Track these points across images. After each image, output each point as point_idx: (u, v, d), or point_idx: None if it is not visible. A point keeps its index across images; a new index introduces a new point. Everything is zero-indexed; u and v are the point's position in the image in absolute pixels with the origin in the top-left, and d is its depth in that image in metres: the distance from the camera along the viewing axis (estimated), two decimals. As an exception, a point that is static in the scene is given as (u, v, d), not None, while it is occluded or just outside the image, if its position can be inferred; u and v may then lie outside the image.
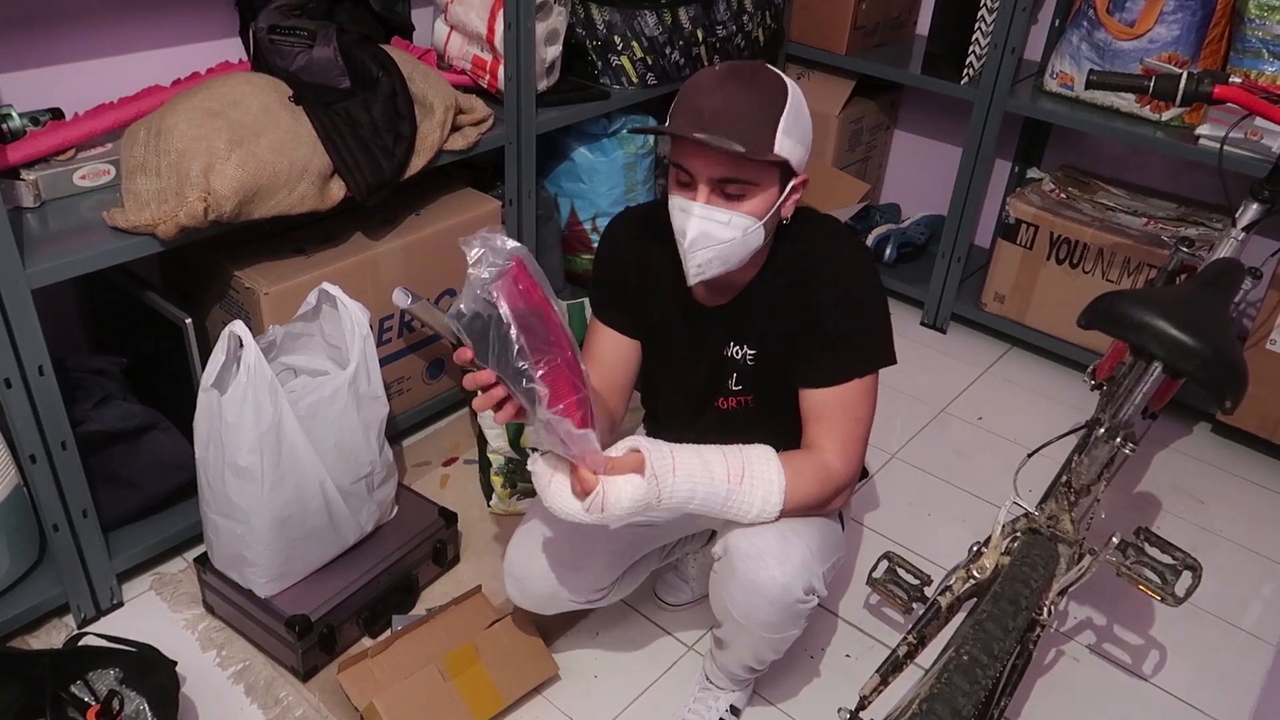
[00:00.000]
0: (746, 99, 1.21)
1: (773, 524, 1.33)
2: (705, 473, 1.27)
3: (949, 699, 1.15)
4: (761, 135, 1.21)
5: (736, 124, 1.19)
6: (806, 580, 1.32)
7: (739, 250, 1.27)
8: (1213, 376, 1.29)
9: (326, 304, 1.69)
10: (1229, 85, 1.61)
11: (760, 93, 1.22)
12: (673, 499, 1.25)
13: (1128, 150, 2.69)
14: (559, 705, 1.66)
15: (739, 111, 1.20)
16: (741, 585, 1.33)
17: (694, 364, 1.46)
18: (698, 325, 1.42)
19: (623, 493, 1.20)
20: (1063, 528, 1.49)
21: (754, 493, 1.30)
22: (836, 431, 1.36)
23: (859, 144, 2.97)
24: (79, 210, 1.62)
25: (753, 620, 1.35)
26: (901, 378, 2.55)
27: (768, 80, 1.23)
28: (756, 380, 1.43)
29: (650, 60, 2.39)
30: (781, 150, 1.22)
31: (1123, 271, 2.42)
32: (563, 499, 1.22)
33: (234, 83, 1.69)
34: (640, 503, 1.22)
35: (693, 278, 1.29)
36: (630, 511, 1.22)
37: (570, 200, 2.51)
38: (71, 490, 1.62)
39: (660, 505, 1.24)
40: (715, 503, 1.28)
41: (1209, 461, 2.33)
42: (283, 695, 1.63)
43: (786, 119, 1.22)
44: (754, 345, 1.40)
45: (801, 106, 1.25)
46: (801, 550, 1.32)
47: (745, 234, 1.25)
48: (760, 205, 1.24)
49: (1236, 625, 1.90)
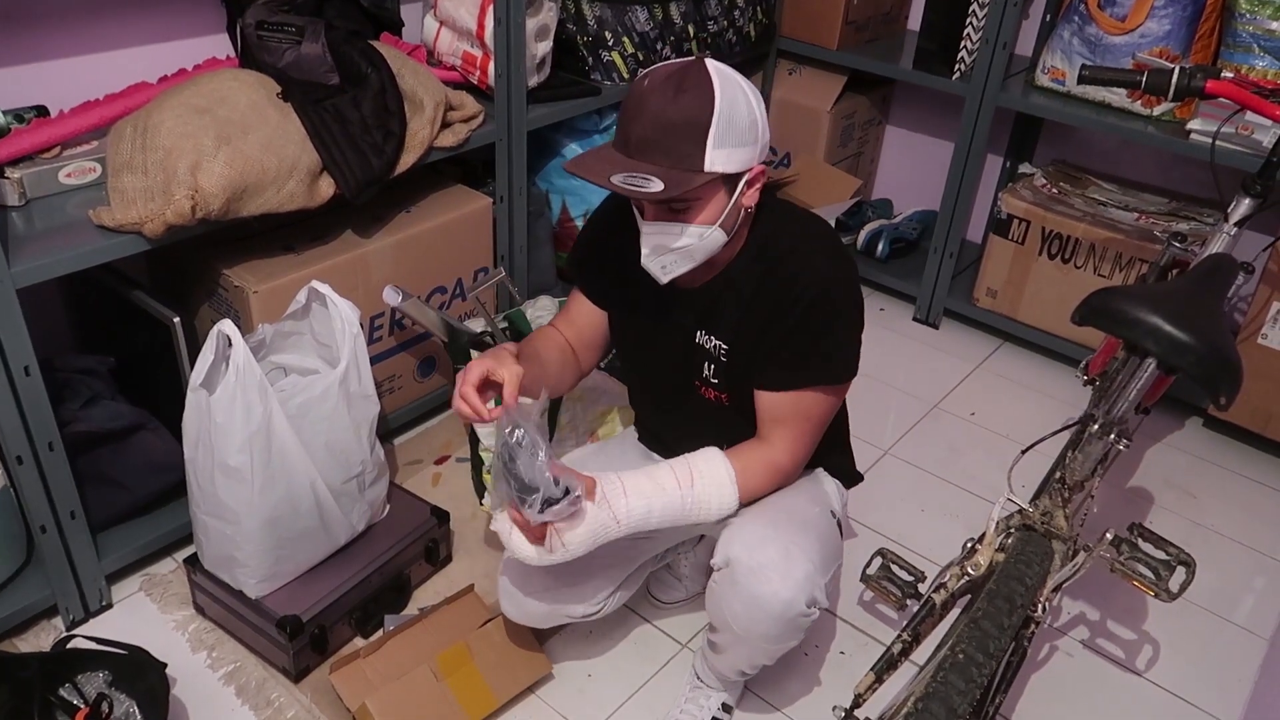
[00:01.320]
0: (672, 115, 1.17)
1: (775, 536, 1.33)
2: (654, 486, 1.33)
3: (945, 698, 1.15)
4: (689, 157, 1.18)
5: (661, 148, 1.18)
6: (809, 594, 1.31)
7: (701, 250, 1.27)
8: (1208, 373, 1.29)
9: (316, 302, 1.68)
10: (1221, 80, 1.61)
11: (686, 107, 1.17)
12: (630, 517, 1.31)
13: (1119, 145, 2.69)
14: (552, 704, 1.65)
15: (664, 132, 1.17)
16: (743, 599, 1.32)
17: (666, 346, 1.45)
18: (668, 307, 1.42)
19: (576, 530, 1.28)
20: (1057, 524, 1.49)
21: (708, 492, 1.34)
22: (788, 431, 1.37)
23: (850, 139, 2.97)
24: (65, 209, 1.60)
25: (753, 633, 1.34)
26: (894, 373, 2.55)
27: (696, 89, 1.17)
28: (730, 378, 1.41)
29: (641, 56, 2.38)
30: (713, 165, 1.19)
31: (1114, 266, 2.42)
32: (524, 548, 1.30)
33: (222, 79, 1.67)
34: (597, 527, 1.29)
35: (662, 279, 1.31)
36: (590, 538, 1.29)
37: (561, 196, 2.50)
38: (59, 491, 1.60)
39: (620, 525, 1.31)
40: (674, 511, 1.34)
41: (1200, 456, 2.34)
42: (274, 696, 1.62)
43: (716, 131, 1.18)
44: (726, 339, 1.38)
45: (736, 106, 1.19)
46: (804, 564, 1.31)
47: (701, 239, 1.25)
48: (710, 213, 1.24)
49: (1229, 619, 1.90)
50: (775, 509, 1.39)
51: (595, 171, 1.20)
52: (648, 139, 1.18)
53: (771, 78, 2.94)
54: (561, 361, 1.49)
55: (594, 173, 1.20)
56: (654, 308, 1.43)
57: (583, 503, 1.27)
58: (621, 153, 1.21)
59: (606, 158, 1.22)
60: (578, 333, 1.52)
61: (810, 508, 1.43)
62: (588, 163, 1.22)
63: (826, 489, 1.51)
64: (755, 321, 1.34)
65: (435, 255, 2.06)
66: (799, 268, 1.30)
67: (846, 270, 1.33)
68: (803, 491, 1.46)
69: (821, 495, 1.49)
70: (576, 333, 1.52)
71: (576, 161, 1.23)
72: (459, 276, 2.14)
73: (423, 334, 2.12)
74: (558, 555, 1.29)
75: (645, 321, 1.46)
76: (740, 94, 1.21)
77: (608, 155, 1.22)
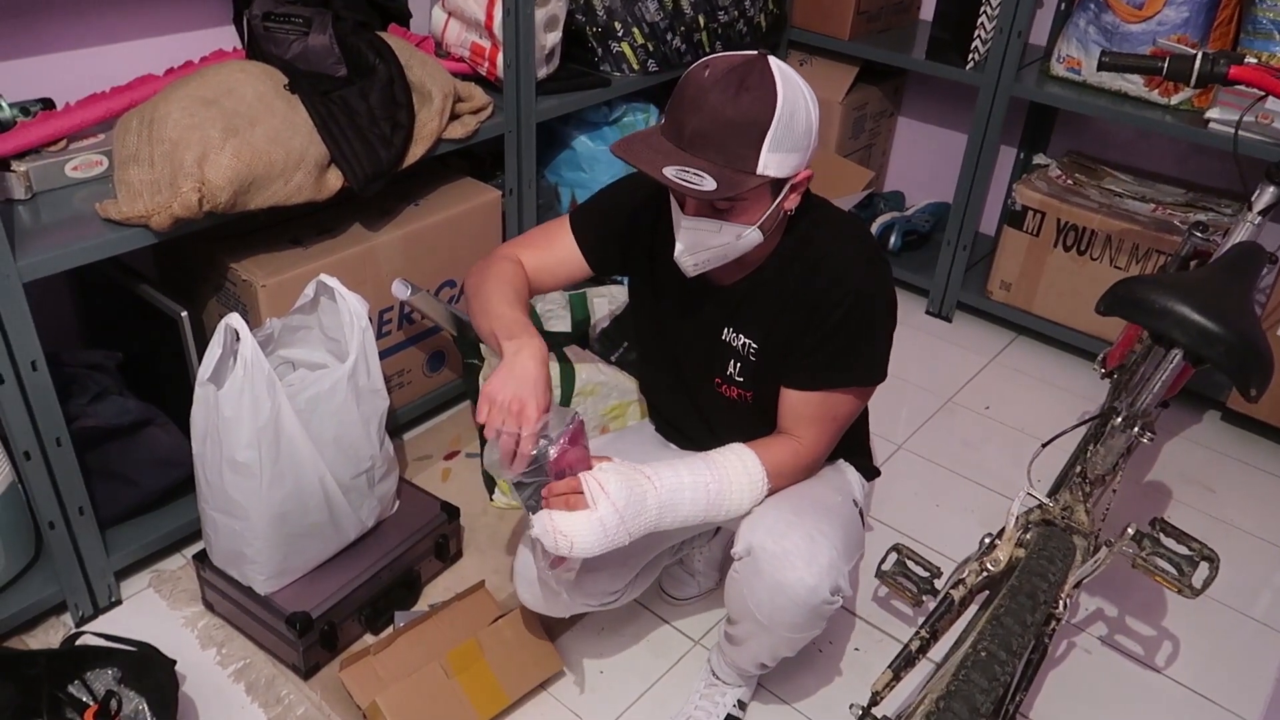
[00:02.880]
0: (732, 114, 1.14)
1: (799, 522, 1.31)
2: (682, 464, 1.31)
3: (967, 696, 1.13)
4: (743, 159, 1.15)
5: (717, 145, 1.15)
6: (834, 581, 1.30)
7: (736, 249, 1.25)
8: (1237, 363, 1.26)
9: (325, 296, 1.66)
10: (1245, 66, 1.58)
11: (748, 107, 1.14)
12: (660, 477, 1.27)
13: (1135, 135, 2.66)
14: (564, 701, 1.63)
15: (721, 131, 1.14)
16: (767, 586, 1.30)
17: (690, 340, 1.44)
18: (695, 301, 1.40)
19: (607, 475, 1.23)
20: (1077, 519, 1.47)
21: (736, 477, 1.32)
22: (814, 429, 1.36)
23: (862, 131, 2.94)
24: (71, 202, 1.59)
25: (776, 621, 1.32)
26: (907, 368, 2.52)
27: (759, 88, 1.14)
28: (757, 377, 1.39)
29: (651, 47, 2.35)
30: (766, 169, 1.16)
31: (1131, 258, 2.39)
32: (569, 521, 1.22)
33: (228, 71, 1.66)
34: (628, 479, 1.24)
35: (691, 274, 1.29)
36: (625, 485, 1.23)
37: (571, 190, 2.48)
38: (67, 487, 1.59)
39: (653, 482, 1.26)
40: (702, 491, 1.30)
41: (1219, 450, 2.31)
42: (284, 694, 1.60)
43: (774, 133, 1.15)
44: (756, 339, 1.37)
45: (796, 112, 1.16)
46: (829, 550, 1.30)
47: (739, 239, 1.24)
48: (752, 214, 1.22)
49: (1248, 615, 1.88)
50: (798, 496, 1.37)
51: (646, 160, 1.17)
52: (704, 134, 1.15)
53: (782, 69, 2.91)
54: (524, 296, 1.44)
55: (644, 161, 1.17)
56: (680, 299, 1.41)
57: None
58: (673, 142, 1.18)
59: (657, 146, 1.18)
60: (547, 265, 1.47)
61: (833, 496, 1.42)
62: (637, 149, 1.19)
63: (849, 478, 1.50)
64: (789, 323, 1.32)
65: (444, 248, 2.04)
66: (838, 273, 1.29)
67: (884, 275, 1.33)
68: (825, 480, 1.45)
69: (844, 484, 1.47)
70: (545, 265, 1.46)
71: (626, 147, 1.20)
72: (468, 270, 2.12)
73: (432, 328, 2.10)
74: (604, 507, 1.20)
75: (669, 312, 1.44)
76: (801, 98, 1.18)
77: (657, 143, 1.19)
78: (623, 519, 1.22)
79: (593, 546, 1.21)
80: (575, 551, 1.21)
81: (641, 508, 1.25)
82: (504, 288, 1.39)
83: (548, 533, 1.21)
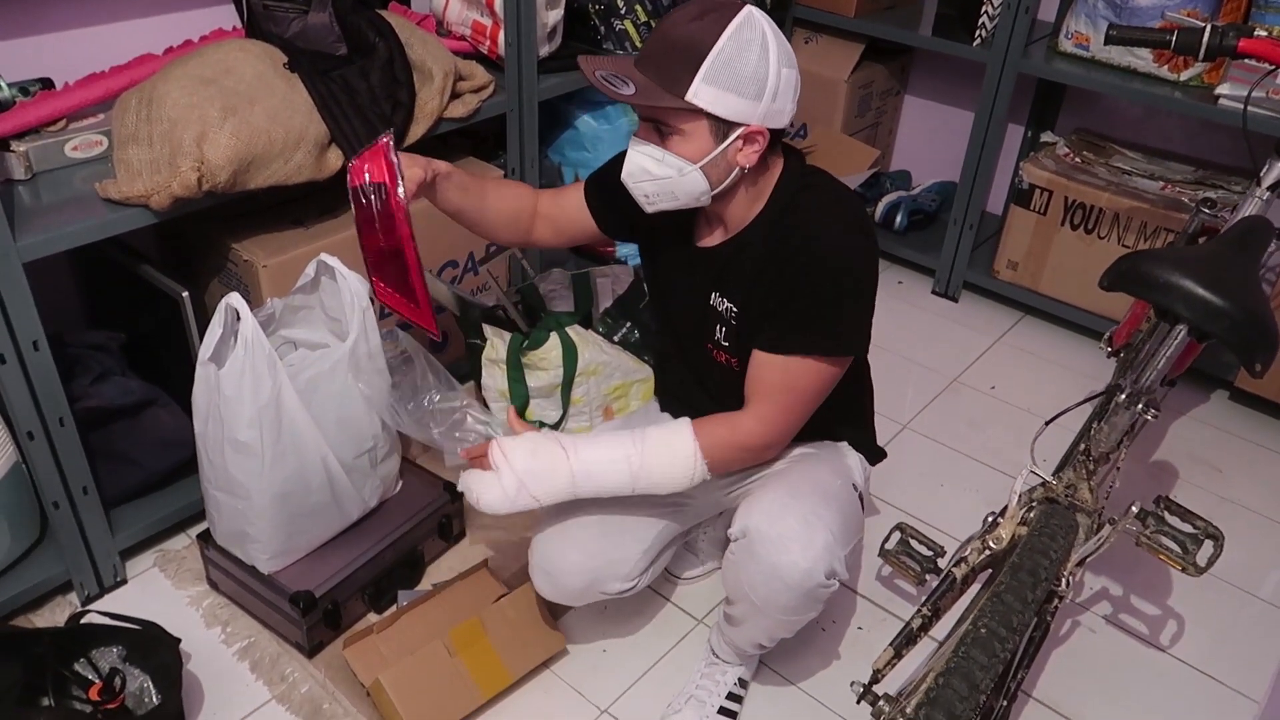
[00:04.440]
0: (675, 35, 1.18)
1: (795, 505, 1.31)
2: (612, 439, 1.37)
3: (967, 673, 1.12)
4: (675, 80, 1.18)
5: (655, 63, 1.19)
6: (829, 565, 1.30)
7: (682, 189, 1.26)
8: (1242, 338, 1.25)
9: (325, 276, 1.65)
10: (1255, 39, 1.56)
11: (691, 31, 1.17)
12: (575, 446, 1.35)
13: (1144, 112, 2.63)
14: (567, 679, 1.64)
15: (663, 47, 1.19)
16: (761, 569, 1.30)
17: (684, 304, 1.44)
18: (689, 266, 1.41)
19: (517, 443, 1.34)
20: (1081, 497, 1.46)
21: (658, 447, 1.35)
22: (769, 402, 1.33)
23: (869, 109, 2.92)
24: (71, 182, 1.58)
25: (771, 604, 1.32)
26: (912, 347, 2.51)
27: (714, 21, 1.17)
28: (739, 342, 1.38)
29: (654, 24, 2.33)
30: (697, 97, 1.18)
31: (1139, 236, 2.37)
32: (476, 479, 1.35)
33: (227, 50, 1.65)
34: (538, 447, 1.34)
35: (646, 209, 1.31)
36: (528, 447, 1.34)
37: (574, 169, 2.47)
38: (71, 467, 1.59)
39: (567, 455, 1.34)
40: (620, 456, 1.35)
41: (1227, 429, 2.29)
42: (288, 671, 1.61)
43: (712, 63, 1.16)
44: (737, 303, 1.36)
45: (745, 53, 1.17)
46: (824, 534, 1.30)
47: (681, 174, 1.24)
48: (692, 150, 1.23)
49: (1254, 595, 1.87)
50: (796, 479, 1.37)
51: (592, 66, 1.22)
52: (649, 52, 1.21)
53: (787, 47, 2.89)
54: (508, 214, 1.50)
55: (590, 66, 1.23)
56: (676, 264, 1.42)
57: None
58: (632, 62, 1.23)
59: (614, 61, 1.24)
60: (556, 211, 1.53)
61: (832, 479, 1.41)
62: (595, 60, 1.24)
63: (849, 462, 1.49)
64: (765, 284, 1.31)
65: (446, 229, 2.02)
66: (812, 234, 1.27)
67: (860, 247, 1.29)
68: (825, 462, 1.44)
69: (844, 468, 1.47)
70: (555, 210, 1.53)
71: (590, 59, 1.25)
72: (470, 250, 2.12)
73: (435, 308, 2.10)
74: (504, 472, 1.33)
75: (666, 278, 1.46)
76: (758, 45, 1.18)
77: (617, 60, 1.25)
78: (522, 484, 1.33)
79: (496, 505, 1.34)
80: (481, 506, 1.34)
81: (550, 476, 1.34)
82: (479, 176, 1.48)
83: (466, 488, 1.37)
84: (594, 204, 1.50)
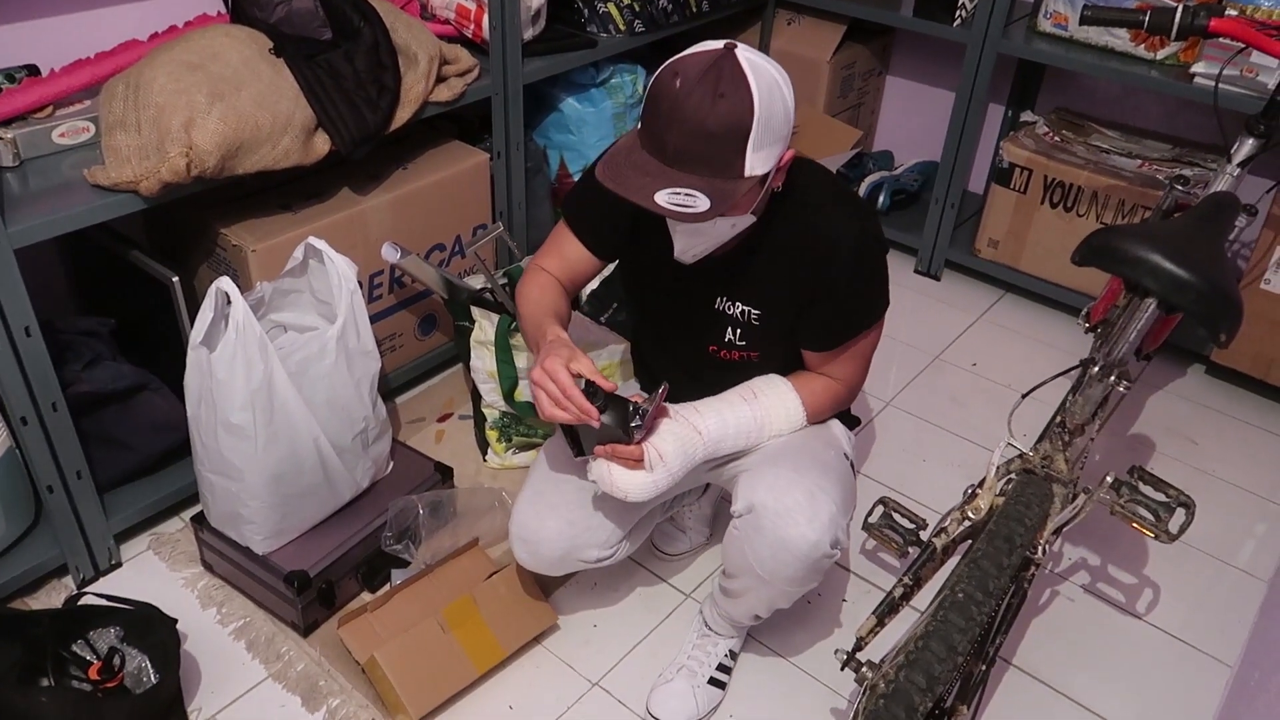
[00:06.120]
0: (712, 126, 1.13)
1: (799, 479, 1.35)
2: (721, 402, 1.42)
3: (944, 635, 1.16)
4: (729, 166, 1.16)
5: (702, 158, 1.15)
6: (833, 535, 1.34)
7: (731, 234, 1.29)
8: (1208, 310, 1.29)
9: (314, 259, 1.67)
10: (1225, 18, 1.59)
11: (726, 115, 1.12)
12: (708, 427, 1.38)
13: (1122, 91, 2.66)
14: (559, 654, 1.67)
15: (704, 144, 1.13)
16: (769, 542, 1.34)
17: (683, 311, 1.46)
18: (686, 274, 1.41)
19: (665, 441, 1.34)
20: (1057, 467, 1.49)
21: (772, 404, 1.43)
22: (843, 366, 1.44)
23: (851, 90, 2.94)
24: (59, 169, 1.59)
25: (777, 575, 1.36)
26: (896, 325, 2.54)
27: (734, 93, 1.13)
28: (761, 337, 1.43)
29: (638, 7, 2.34)
30: (753, 169, 1.17)
31: (1117, 214, 2.40)
32: (632, 478, 1.33)
33: (213, 35, 1.66)
34: (683, 436, 1.36)
35: (687, 262, 1.33)
36: (680, 450, 1.35)
37: (560, 152, 2.48)
38: (64, 452, 1.61)
39: (703, 437, 1.38)
40: (746, 423, 1.41)
41: (1202, 402, 2.34)
42: (284, 650, 1.64)
43: (756, 135, 1.14)
44: (756, 305, 1.40)
45: (773, 105, 1.15)
46: (829, 505, 1.34)
47: (733, 228, 1.28)
48: (744, 207, 1.25)
49: (1229, 563, 1.91)
50: (795, 453, 1.41)
51: (635, 187, 1.16)
52: (686, 150, 1.14)
53: (770, 28, 2.90)
54: (566, 303, 1.51)
55: (634, 189, 1.16)
56: (670, 273, 1.42)
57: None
58: (657, 158, 1.17)
59: (643, 166, 1.17)
60: (569, 269, 1.51)
61: (826, 451, 1.45)
62: (624, 174, 1.18)
63: (835, 432, 1.52)
64: (789, 283, 1.36)
65: (433, 212, 2.05)
66: (832, 230, 1.32)
67: (873, 224, 1.37)
68: (816, 435, 1.48)
69: (832, 438, 1.50)
70: (568, 269, 1.51)
71: (610, 173, 1.18)
72: (458, 233, 2.13)
73: (423, 291, 2.12)
74: (659, 473, 1.33)
75: (661, 285, 1.46)
76: (776, 89, 1.16)
77: (643, 162, 1.18)
78: (673, 478, 1.36)
79: (644, 499, 1.35)
80: (629, 499, 1.35)
81: (691, 463, 1.38)
82: (529, 302, 1.47)
83: (604, 479, 1.34)
84: (583, 237, 1.48)
